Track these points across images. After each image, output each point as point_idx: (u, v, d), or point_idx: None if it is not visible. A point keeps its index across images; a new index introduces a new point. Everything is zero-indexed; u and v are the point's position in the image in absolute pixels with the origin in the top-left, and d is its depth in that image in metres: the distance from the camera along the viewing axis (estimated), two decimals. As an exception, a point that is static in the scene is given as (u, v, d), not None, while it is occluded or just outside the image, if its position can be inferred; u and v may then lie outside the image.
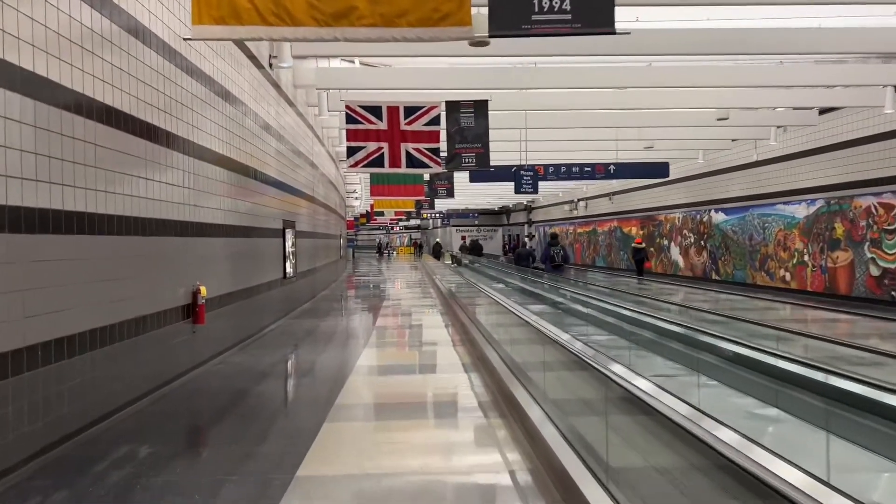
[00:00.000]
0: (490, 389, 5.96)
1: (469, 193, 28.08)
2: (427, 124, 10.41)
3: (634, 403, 3.34)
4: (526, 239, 44.72)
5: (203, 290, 7.17)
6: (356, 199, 36.44)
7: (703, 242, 20.70)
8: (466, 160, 10.57)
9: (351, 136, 10.43)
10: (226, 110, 8.59)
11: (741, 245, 18.35)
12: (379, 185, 16.91)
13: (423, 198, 18.78)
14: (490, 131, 10.56)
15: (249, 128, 9.82)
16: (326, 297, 16.71)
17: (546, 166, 13.98)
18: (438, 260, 35.45)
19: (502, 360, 6.52)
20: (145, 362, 5.85)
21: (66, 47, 4.66)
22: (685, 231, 21.92)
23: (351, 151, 10.47)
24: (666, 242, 23.43)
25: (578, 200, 32.52)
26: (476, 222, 48.64)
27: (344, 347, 9.26)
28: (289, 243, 12.52)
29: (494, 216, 49.45)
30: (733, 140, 17.26)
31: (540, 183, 13.82)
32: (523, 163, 13.47)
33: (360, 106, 10.47)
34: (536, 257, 20.68)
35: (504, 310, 7.91)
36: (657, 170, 14.94)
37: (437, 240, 42.58)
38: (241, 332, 8.99)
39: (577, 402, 4.59)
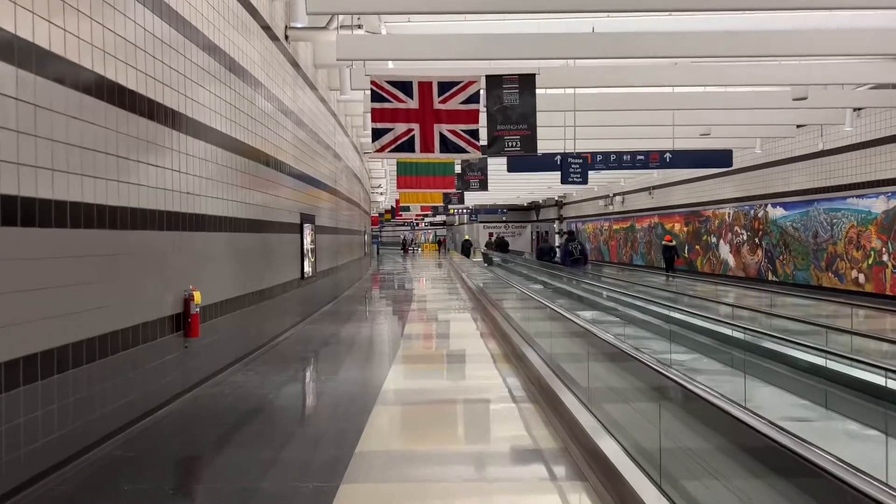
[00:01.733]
0: (555, 430, 4.55)
1: (498, 188, 26.61)
2: (464, 102, 8.97)
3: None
4: (546, 234, 43.60)
5: (197, 295, 5.85)
6: (381, 194, 35.16)
7: (757, 240, 19.03)
8: (510, 144, 9.11)
9: (377, 116, 9.03)
10: (233, 84, 7.28)
11: (803, 243, 16.66)
12: (406, 177, 15.52)
13: (453, 191, 17.35)
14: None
15: (262, 108, 8.50)
16: (350, 297, 15.40)
17: (594, 154, 12.48)
18: (468, 258, 33.52)
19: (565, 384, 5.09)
20: (114, 392, 4.53)
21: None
22: (737, 228, 20.24)
23: (377, 134, 9.08)
24: (714, 240, 21.75)
25: (614, 195, 30.87)
26: (504, 218, 47.12)
27: (367, 363, 7.90)
28: (308, 239, 11.21)
29: (523, 212, 47.87)
30: (799, 126, 15.60)
31: (589, 173, 12.31)
32: (570, 149, 11.99)
33: (387, 81, 9.07)
34: (557, 252, 20.93)
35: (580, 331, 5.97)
36: (719, 158, 13.33)
37: (467, 236, 40.58)
38: (248, 344, 7.68)
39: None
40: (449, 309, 13.90)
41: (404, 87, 9.05)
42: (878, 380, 4.81)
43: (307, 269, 11.08)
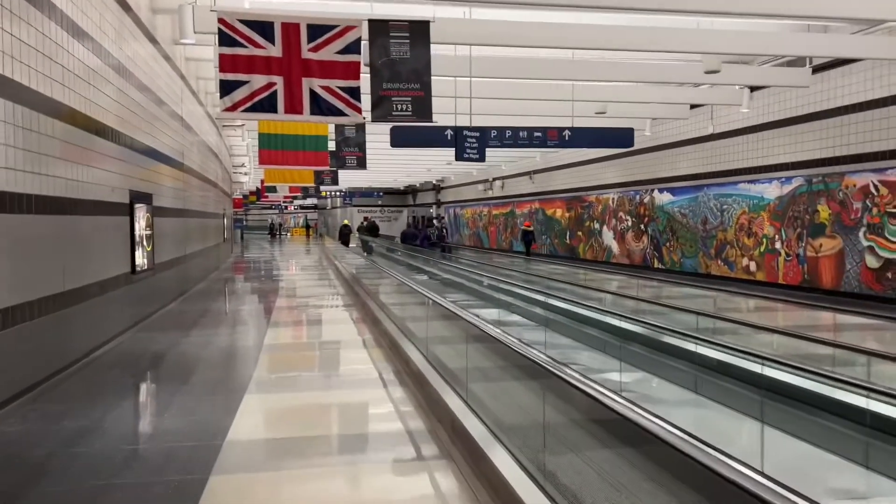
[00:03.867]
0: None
1: (374, 169, 24.73)
2: (341, 52, 7.11)
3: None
4: (419, 219, 42.35)
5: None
6: (245, 174, 32.20)
7: (643, 226, 18.50)
8: (399, 107, 7.37)
9: (227, 64, 6.98)
10: (29, 17, 5.04)
11: (692, 230, 16.20)
12: (270, 151, 13.37)
13: (326, 168, 15.32)
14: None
15: (73, 52, 6.22)
16: (202, 292, 13.07)
17: (487, 130, 10.97)
18: (347, 246, 28.93)
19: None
20: None
21: None
22: (621, 213, 19.68)
23: (227, 87, 7.03)
24: (597, 226, 21.16)
25: (494, 180, 29.92)
26: (380, 202, 45.35)
27: (210, 393, 5.88)
28: (141, 224, 8.92)
29: (400, 196, 46.31)
30: (693, 107, 14.99)
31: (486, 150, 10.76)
32: (464, 123, 10.41)
33: (240, 21, 7.03)
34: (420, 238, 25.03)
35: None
36: (619, 137, 12.27)
37: (346, 221, 35.11)
38: (41, 367, 5.48)
39: None
40: (319, 295, 12.01)
41: (264, 29, 7.07)
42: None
43: (140, 260, 8.80)
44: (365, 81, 7.33)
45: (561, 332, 7.97)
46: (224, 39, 6.99)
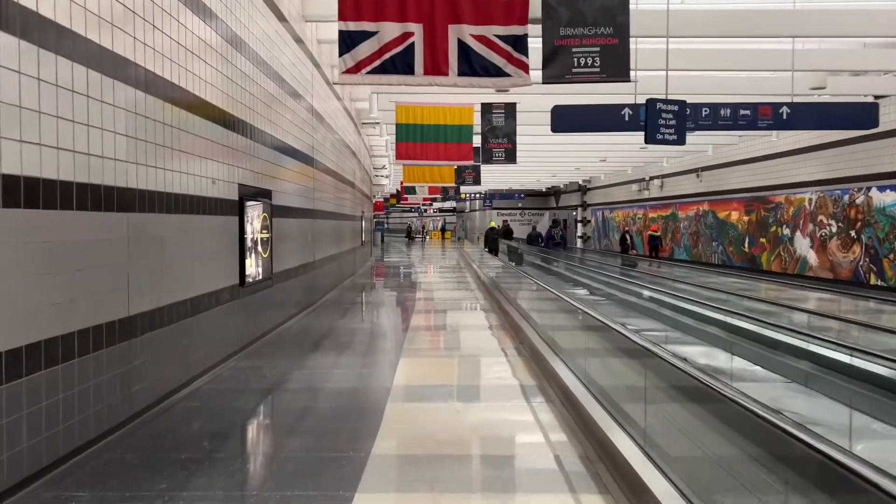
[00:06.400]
0: None
1: (517, 167, 22.30)
2: (503, -14, 5.07)
3: None
4: (562, 223, 39.52)
5: None
6: (385, 177, 31.28)
7: (853, 233, 15.03)
8: (583, 61, 5.18)
9: (349, 8, 5.13)
10: None
11: (929, 237, 12.69)
12: (407, 143, 11.65)
13: (470, 163, 13.39)
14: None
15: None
16: (332, 303, 11.55)
17: (687, 104, 8.26)
18: (495, 254, 23.09)
19: None
20: None
21: None
22: (821, 217, 16.24)
23: (349, 42, 5.19)
24: (787, 232, 17.75)
25: (651, 178, 26.83)
26: (520, 204, 43.19)
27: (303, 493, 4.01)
28: (255, 225, 7.37)
29: (542, 198, 43.90)
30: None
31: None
32: (640, 101, 8.01)
33: (367, -50, 5.18)
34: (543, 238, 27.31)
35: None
36: (858, 115, 9.24)
37: (493, 224, 29.59)
38: (90, 426, 3.85)
39: None
40: (461, 309, 10.07)
41: (397, -40, 5.15)
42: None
43: (252, 269, 7.24)
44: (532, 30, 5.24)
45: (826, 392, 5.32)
46: (344, -24, 5.17)
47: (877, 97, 12.91)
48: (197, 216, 5.71)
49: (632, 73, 7.98)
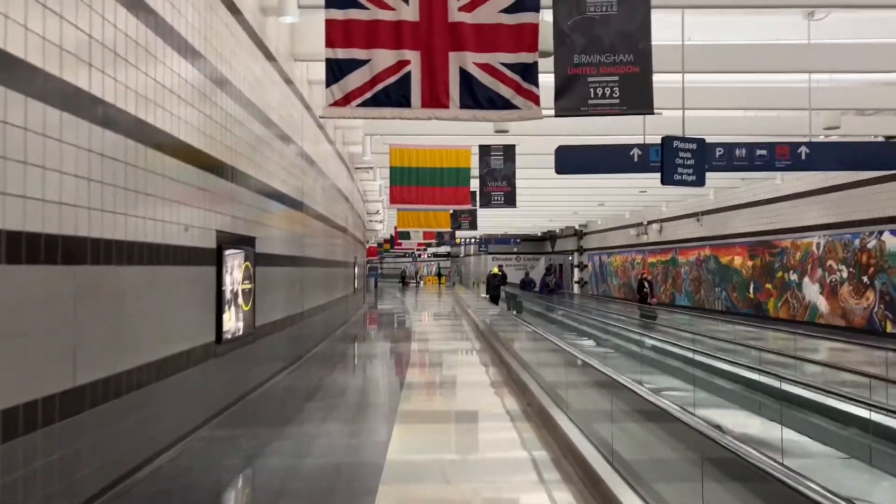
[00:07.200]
0: None
1: (513, 212, 21.66)
2: (509, 9, 4.53)
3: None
4: (556, 268, 38.86)
5: None
6: (379, 221, 30.74)
7: (866, 278, 14.46)
8: (599, 92, 4.62)
9: (338, 34, 4.56)
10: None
11: (949, 283, 12.10)
12: (402, 187, 11.08)
13: (467, 208, 12.82)
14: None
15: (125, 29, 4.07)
16: (320, 358, 10.80)
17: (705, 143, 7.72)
18: (496, 303, 22.45)
19: None
20: None
21: None
22: (830, 262, 15.69)
23: (338, 71, 4.61)
24: (794, 277, 17.17)
25: (650, 223, 26.37)
26: (516, 249, 42.68)
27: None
28: (235, 276, 6.70)
29: (537, 243, 43.44)
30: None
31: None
32: (648, 141, 7.44)
33: (358, -29, 4.65)
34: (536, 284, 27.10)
35: None
36: (883, 155, 8.76)
37: (495, 270, 28.08)
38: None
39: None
40: (459, 364, 9.33)
41: (392, -18, 4.62)
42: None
43: (230, 324, 6.54)
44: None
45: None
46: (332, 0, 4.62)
47: (888, 138, 12.49)
48: (165, 267, 5.04)
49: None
